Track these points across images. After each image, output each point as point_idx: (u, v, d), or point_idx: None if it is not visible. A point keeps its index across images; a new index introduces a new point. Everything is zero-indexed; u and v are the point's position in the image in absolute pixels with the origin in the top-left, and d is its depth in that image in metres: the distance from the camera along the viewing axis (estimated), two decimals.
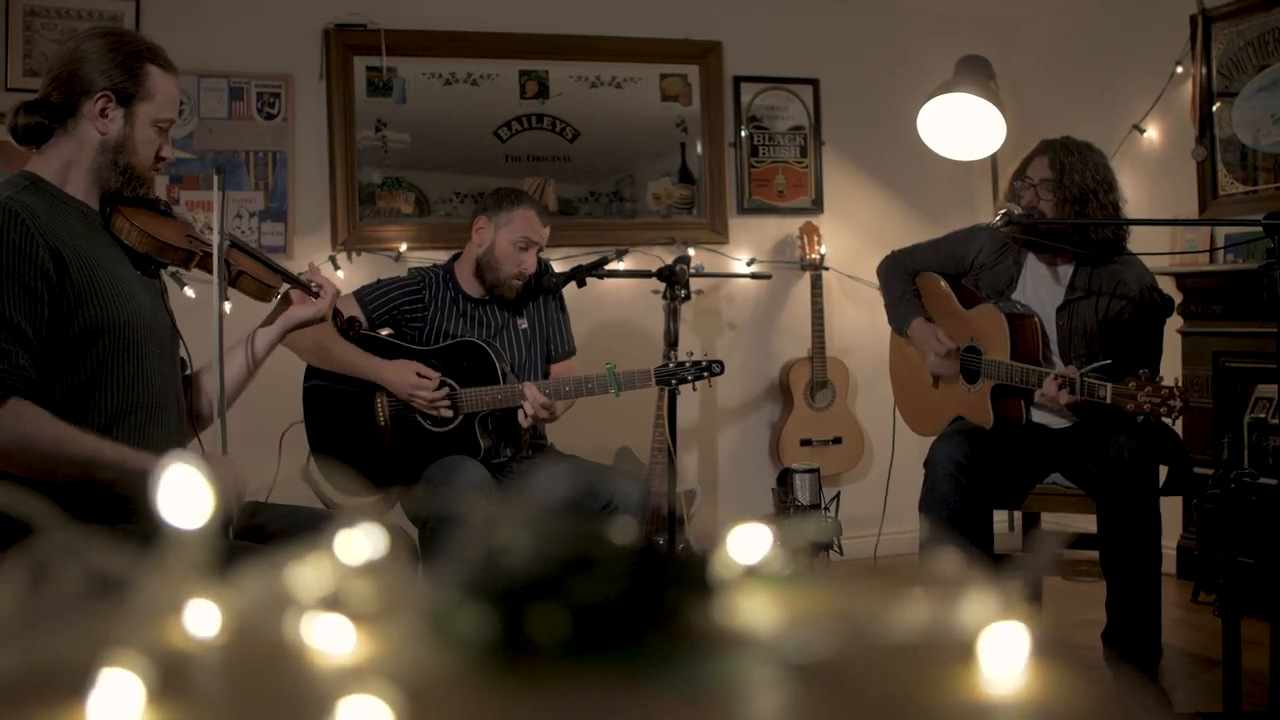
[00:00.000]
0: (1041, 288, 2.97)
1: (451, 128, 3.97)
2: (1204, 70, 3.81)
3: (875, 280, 4.33)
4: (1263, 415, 3.37)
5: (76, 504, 1.76)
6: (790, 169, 4.35)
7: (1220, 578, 2.24)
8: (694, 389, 3.00)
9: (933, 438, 3.32)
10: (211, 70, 3.72)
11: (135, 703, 0.37)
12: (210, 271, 2.05)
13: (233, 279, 2.08)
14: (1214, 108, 3.81)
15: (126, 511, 1.83)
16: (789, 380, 4.20)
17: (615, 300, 4.04)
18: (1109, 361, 2.67)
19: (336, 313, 2.27)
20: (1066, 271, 2.93)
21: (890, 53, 4.40)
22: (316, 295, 2.18)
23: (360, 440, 2.97)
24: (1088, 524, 3.00)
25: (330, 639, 0.42)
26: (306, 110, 3.83)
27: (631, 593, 0.42)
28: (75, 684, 0.38)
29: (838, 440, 4.20)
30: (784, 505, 3.67)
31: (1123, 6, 4.17)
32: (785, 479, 3.62)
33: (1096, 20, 4.29)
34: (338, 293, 2.23)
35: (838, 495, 3.60)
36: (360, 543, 0.45)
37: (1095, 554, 2.81)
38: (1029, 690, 0.39)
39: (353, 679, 0.37)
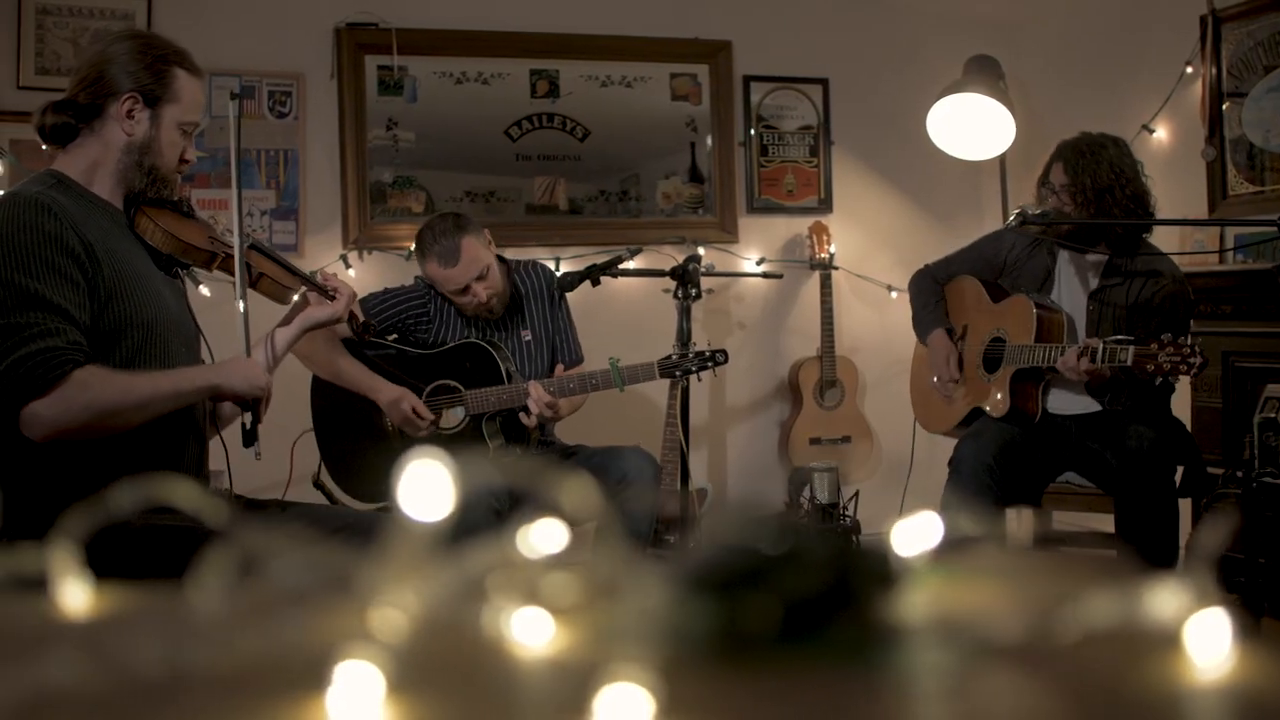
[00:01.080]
0: (1075, 280, 3.03)
1: (462, 127, 3.98)
2: (1214, 70, 3.82)
3: (884, 280, 4.38)
4: (1273, 415, 3.38)
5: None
6: (799, 168, 4.36)
7: (1241, 577, 2.25)
8: (699, 379, 2.99)
9: (941, 435, 3.36)
10: (223, 69, 3.72)
11: (375, 695, 0.38)
12: (230, 273, 2.07)
13: (253, 281, 2.11)
14: (1223, 107, 3.82)
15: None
16: (798, 379, 4.21)
17: (625, 299, 4.04)
18: (1132, 338, 2.70)
19: (352, 316, 2.28)
20: (1100, 261, 2.98)
21: (899, 52, 4.41)
22: (333, 298, 2.20)
23: (369, 446, 2.98)
24: (1099, 523, 3.02)
25: (533, 633, 0.43)
26: (317, 109, 3.84)
27: (829, 583, 0.43)
28: (311, 676, 0.39)
29: (847, 439, 4.21)
30: (796, 504, 3.68)
31: (1132, 7, 4.17)
32: (797, 477, 3.63)
33: (1106, 20, 4.29)
34: (353, 295, 2.25)
35: (856, 494, 3.60)
36: (546, 536, 0.46)
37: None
38: (1236, 678, 0.39)
39: (599, 672, 0.38)
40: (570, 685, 0.39)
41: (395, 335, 3.05)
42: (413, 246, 3.09)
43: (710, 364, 2.92)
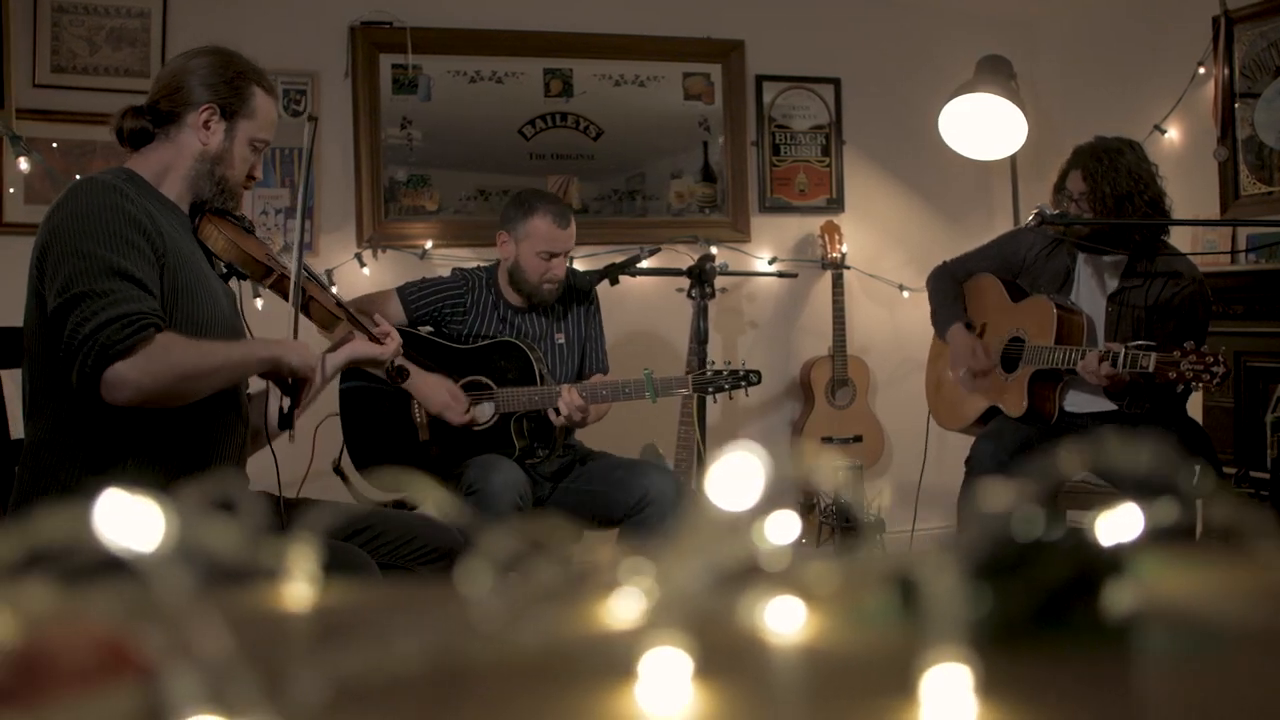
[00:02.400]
0: (1094, 280, 3.03)
1: (476, 125, 3.99)
2: (1226, 71, 3.83)
3: (895, 279, 4.39)
4: None
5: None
6: (811, 168, 4.37)
7: None
8: (730, 398, 3.02)
9: (957, 431, 3.38)
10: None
11: (683, 681, 0.39)
12: (282, 292, 2.10)
13: (304, 303, 2.13)
14: (1235, 108, 3.83)
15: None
16: (810, 378, 4.22)
17: (639, 298, 4.05)
18: (1153, 343, 2.71)
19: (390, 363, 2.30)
20: (1119, 262, 2.99)
21: (911, 52, 4.42)
22: (380, 342, 2.22)
23: (395, 436, 2.98)
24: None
25: (788, 620, 0.45)
26: (332, 107, 3.84)
27: (1077, 572, 0.45)
28: (617, 662, 0.40)
29: (858, 438, 4.22)
30: (809, 503, 3.69)
31: (1144, 7, 4.18)
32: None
33: (1118, 20, 4.30)
34: (400, 347, 2.26)
35: (880, 493, 3.61)
36: (782, 527, 0.47)
37: None
38: None
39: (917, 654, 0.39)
40: (891, 668, 0.40)
41: (430, 327, 3.05)
42: (517, 203, 3.05)
43: (744, 384, 2.94)
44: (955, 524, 3.03)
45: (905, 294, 4.37)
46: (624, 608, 0.46)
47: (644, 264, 3.24)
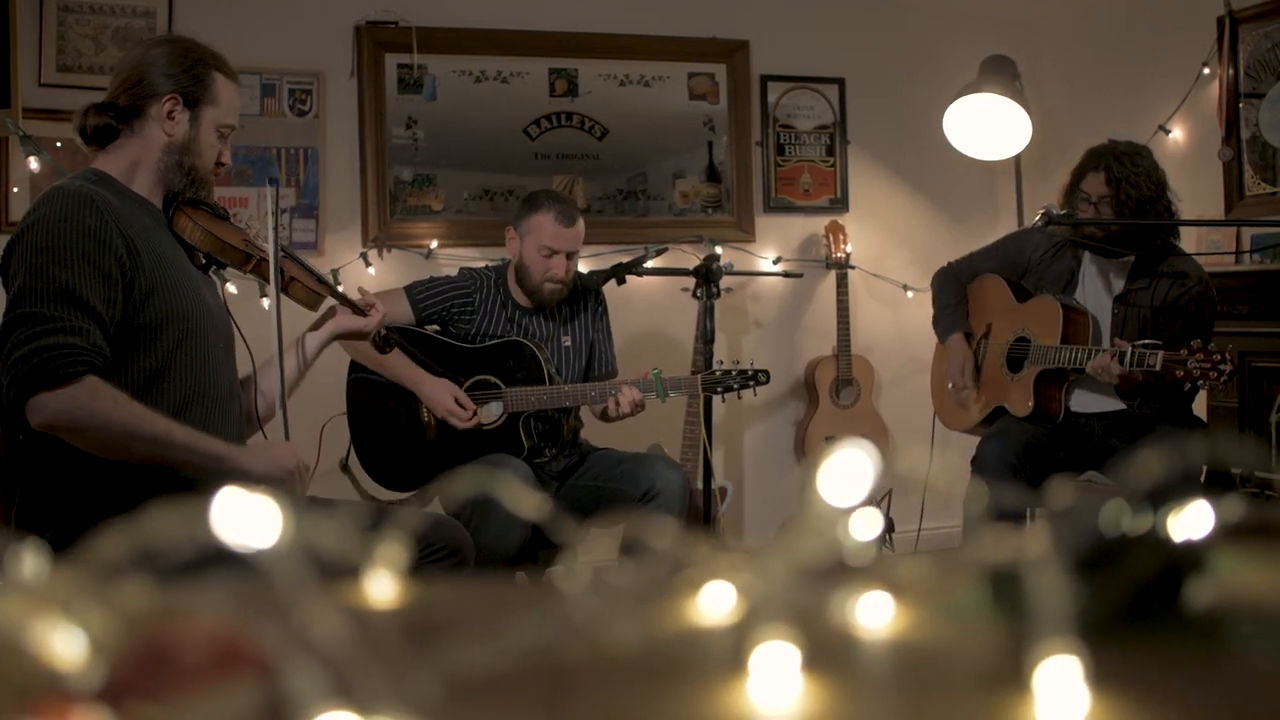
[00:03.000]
0: (1099, 281, 3.04)
1: (481, 125, 3.99)
2: (1231, 71, 3.84)
3: (899, 279, 4.40)
4: None
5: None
6: (816, 167, 4.37)
7: None
8: (739, 397, 3.02)
9: (963, 432, 3.38)
10: (243, 66, 3.66)
11: (793, 676, 0.39)
12: (263, 276, 2.10)
13: (285, 285, 2.13)
14: (1240, 108, 3.83)
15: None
16: (814, 378, 4.22)
17: (644, 297, 4.05)
18: (1159, 342, 2.72)
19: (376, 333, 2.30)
20: (1126, 264, 2.99)
21: (915, 52, 4.42)
22: (364, 313, 2.23)
23: (402, 435, 2.99)
24: None
25: (882, 615, 0.45)
26: (338, 107, 3.84)
27: (1165, 566, 0.45)
28: (723, 658, 0.40)
29: (863, 438, 4.22)
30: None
31: (1148, 8, 4.19)
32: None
33: (1122, 20, 4.31)
34: (384, 317, 2.27)
35: (889, 493, 3.62)
36: (866, 524, 0.48)
37: None
38: None
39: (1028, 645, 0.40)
40: (996, 661, 0.40)
41: (437, 326, 3.05)
42: (527, 201, 3.05)
43: (752, 383, 2.94)
44: (961, 524, 3.03)
45: (909, 294, 4.38)
46: (718, 604, 0.46)
47: (650, 264, 3.24)
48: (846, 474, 0.44)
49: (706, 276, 3.19)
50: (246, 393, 2.17)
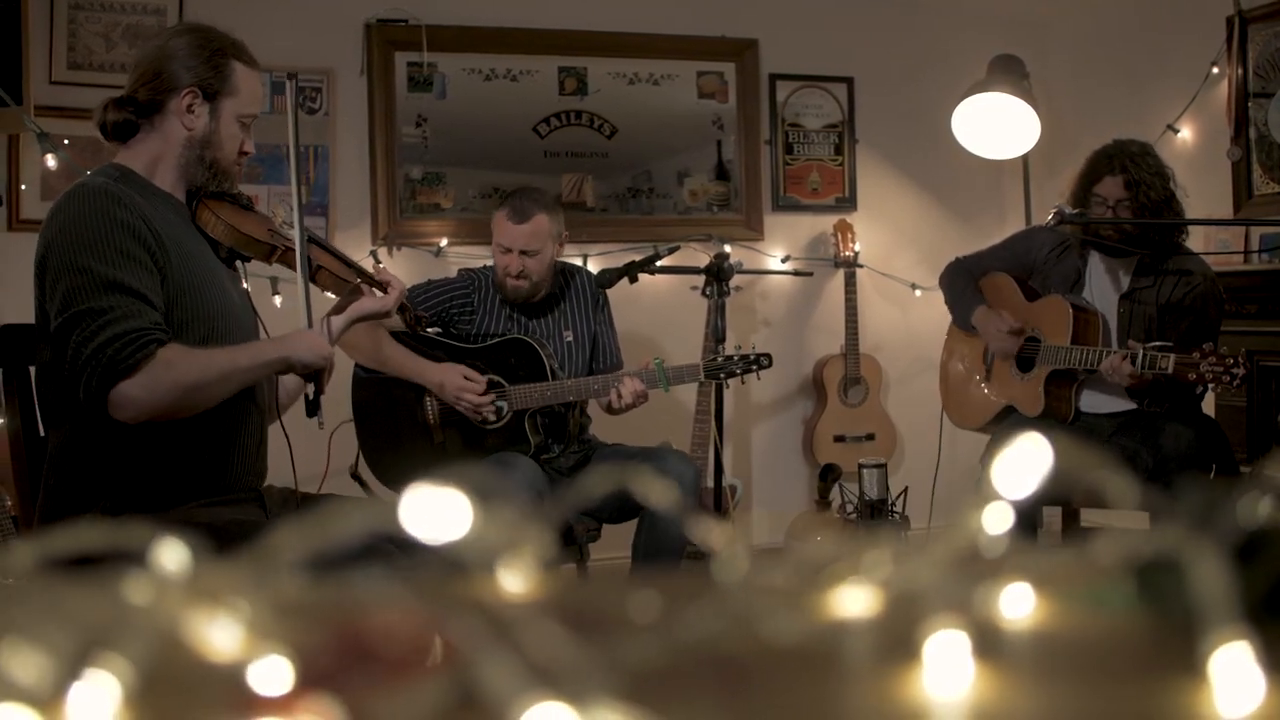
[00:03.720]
0: (1106, 280, 3.04)
1: (491, 123, 3.99)
2: (1240, 71, 3.84)
3: (908, 278, 4.40)
4: None
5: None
6: (824, 166, 4.38)
7: None
8: (743, 382, 3.01)
9: (972, 430, 3.38)
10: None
11: (966, 665, 0.40)
12: (289, 266, 2.09)
13: (312, 273, 2.11)
14: (1249, 108, 3.84)
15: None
16: (823, 376, 4.23)
17: (651, 296, 4.06)
18: (1170, 343, 2.72)
19: (404, 308, 2.30)
20: (1130, 262, 2.99)
21: (924, 51, 4.43)
22: (385, 291, 2.22)
23: (409, 438, 2.99)
24: (1129, 520, 3.03)
25: (1026, 607, 0.46)
26: (348, 105, 3.85)
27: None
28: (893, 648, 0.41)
29: (870, 436, 4.23)
30: (824, 501, 3.70)
31: (1157, 8, 4.19)
32: (827, 474, 3.65)
33: (1130, 20, 4.31)
34: (404, 290, 2.27)
35: (905, 490, 3.62)
36: (996, 518, 0.48)
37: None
38: None
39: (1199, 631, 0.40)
40: (1167, 647, 0.41)
41: (438, 328, 3.05)
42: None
43: (755, 367, 2.94)
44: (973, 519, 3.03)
45: (917, 293, 4.38)
46: (875, 594, 0.47)
47: (661, 262, 3.25)
48: (1020, 466, 0.45)
49: (718, 275, 3.19)
50: (269, 382, 2.18)
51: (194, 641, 0.36)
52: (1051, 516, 3.54)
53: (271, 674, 0.34)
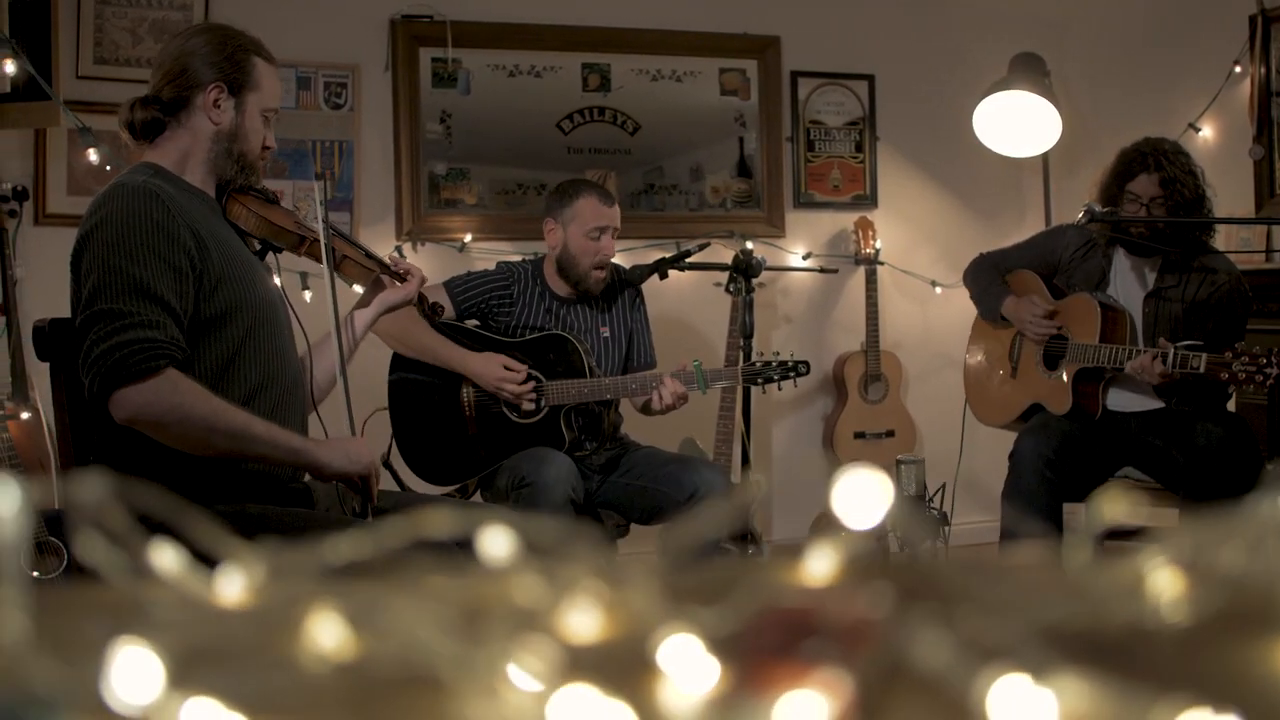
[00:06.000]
0: (1131, 278, 3.04)
1: (514, 119, 4.00)
2: (1263, 70, 3.85)
3: (928, 275, 4.41)
4: None
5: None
6: (845, 164, 4.39)
7: None
8: (779, 388, 3.03)
9: (998, 428, 3.39)
10: (279, 59, 3.68)
11: None
12: (316, 257, 2.12)
13: (337, 264, 2.15)
14: (1271, 105, 3.85)
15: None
16: (843, 373, 4.24)
17: (675, 292, 4.06)
18: (1200, 342, 2.73)
19: (422, 297, 2.33)
20: (1156, 261, 3.00)
21: (945, 49, 4.44)
22: (405, 280, 2.25)
23: (444, 429, 3.00)
24: (1157, 517, 3.04)
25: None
26: (372, 100, 3.86)
27: None
28: None
29: (891, 433, 4.24)
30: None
31: (1180, 6, 4.20)
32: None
33: (1152, 19, 4.32)
34: (423, 278, 2.29)
35: (942, 487, 3.63)
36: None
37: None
38: None
39: None
40: None
41: (476, 320, 3.06)
42: (560, 191, 3.11)
43: (793, 374, 2.96)
44: (999, 518, 3.04)
45: (938, 290, 4.39)
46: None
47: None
48: (862, 496, 0.45)
49: (745, 271, 3.20)
50: (305, 371, 2.19)
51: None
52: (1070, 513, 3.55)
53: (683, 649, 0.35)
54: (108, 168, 3.42)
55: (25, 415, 3.21)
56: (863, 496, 0.41)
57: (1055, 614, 0.42)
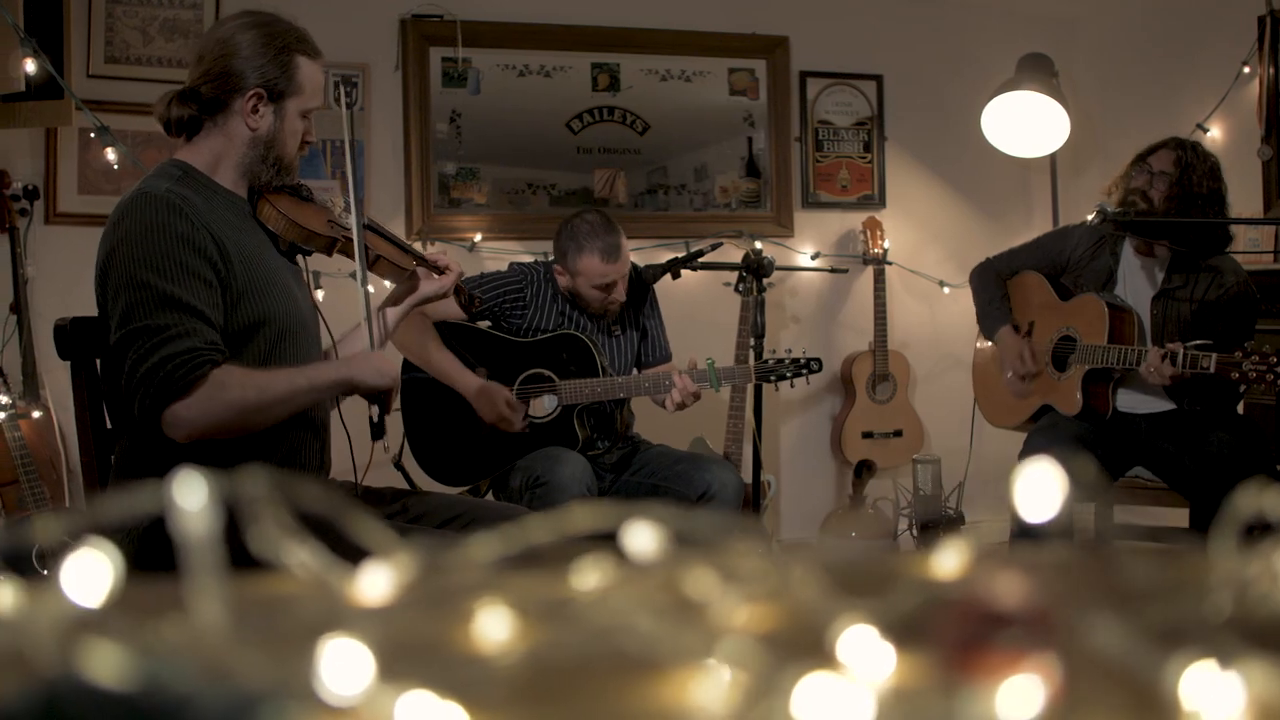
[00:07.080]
0: (1139, 279, 3.05)
1: (524, 119, 4.01)
2: (1271, 71, 3.86)
3: (936, 275, 4.42)
4: None
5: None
6: (854, 164, 4.40)
7: None
8: (791, 385, 3.04)
9: (1008, 428, 3.40)
10: None
11: None
12: (349, 256, 2.09)
13: (371, 263, 2.12)
14: (1279, 105, 3.85)
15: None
16: (851, 373, 4.25)
17: (685, 291, 4.07)
18: (1210, 341, 2.73)
19: (459, 289, 2.31)
20: (1164, 262, 3.00)
21: (953, 50, 4.44)
22: (441, 273, 2.23)
23: (457, 429, 3.00)
24: (1166, 518, 3.06)
25: None
26: (382, 100, 3.86)
27: None
28: None
29: (898, 433, 4.25)
30: (858, 497, 3.71)
31: (1188, 6, 4.21)
32: (861, 471, 3.66)
33: (1160, 20, 4.33)
34: (460, 271, 2.28)
35: (958, 486, 3.64)
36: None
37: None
38: None
39: None
40: None
41: (489, 321, 3.07)
42: (564, 236, 3.00)
43: (805, 371, 2.96)
44: (1009, 517, 3.05)
45: (946, 290, 4.40)
46: None
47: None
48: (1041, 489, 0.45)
49: (756, 271, 3.21)
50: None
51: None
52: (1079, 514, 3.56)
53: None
54: (115, 167, 3.42)
55: (36, 414, 3.22)
56: (1042, 489, 0.42)
57: (1232, 603, 0.43)
